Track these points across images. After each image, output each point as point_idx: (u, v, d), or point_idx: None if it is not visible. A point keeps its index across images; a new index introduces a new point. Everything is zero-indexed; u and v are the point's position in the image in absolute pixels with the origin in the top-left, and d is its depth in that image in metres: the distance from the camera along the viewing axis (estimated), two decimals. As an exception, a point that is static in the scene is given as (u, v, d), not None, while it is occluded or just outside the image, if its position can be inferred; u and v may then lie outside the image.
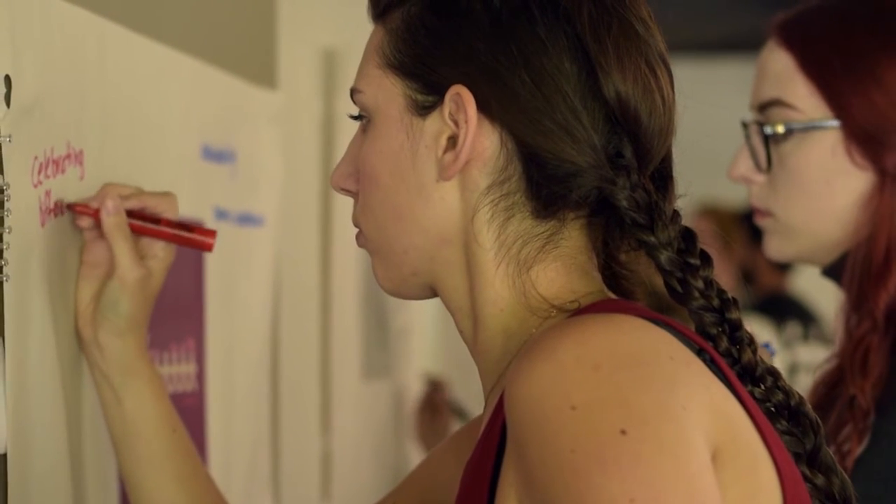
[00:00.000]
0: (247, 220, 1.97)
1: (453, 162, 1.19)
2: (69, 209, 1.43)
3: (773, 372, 1.19)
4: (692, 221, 1.22)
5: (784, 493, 1.11)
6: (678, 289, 1.18)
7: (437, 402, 2.90)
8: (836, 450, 1.54)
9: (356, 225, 1.28)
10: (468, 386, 2.69)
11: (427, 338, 3.12)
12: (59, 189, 1.42)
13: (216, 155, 1.86)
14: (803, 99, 1.65)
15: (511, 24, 1.18)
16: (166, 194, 1.49)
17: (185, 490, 1.48)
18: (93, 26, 1.51)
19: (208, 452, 1.83)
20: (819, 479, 1.18)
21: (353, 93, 1.26)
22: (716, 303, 1.17)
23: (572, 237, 1.21)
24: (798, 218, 1.67)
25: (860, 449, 1.54)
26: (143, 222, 1.45)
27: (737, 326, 1.18)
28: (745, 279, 4.68)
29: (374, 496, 1.64)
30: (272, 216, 2.07)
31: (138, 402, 1.46)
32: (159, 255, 1.47)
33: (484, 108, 1.18)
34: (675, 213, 1.20)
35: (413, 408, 2.90)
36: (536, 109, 1.17)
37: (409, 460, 2.87)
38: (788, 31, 1.68)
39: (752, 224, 1.78)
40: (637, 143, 1.19)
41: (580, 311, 1.16)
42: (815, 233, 1.67)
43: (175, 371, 1.74)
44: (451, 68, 1.19)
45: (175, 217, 1.48)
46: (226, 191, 1.89)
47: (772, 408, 1.18)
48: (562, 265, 1.20)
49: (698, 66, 5.69)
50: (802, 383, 2.02)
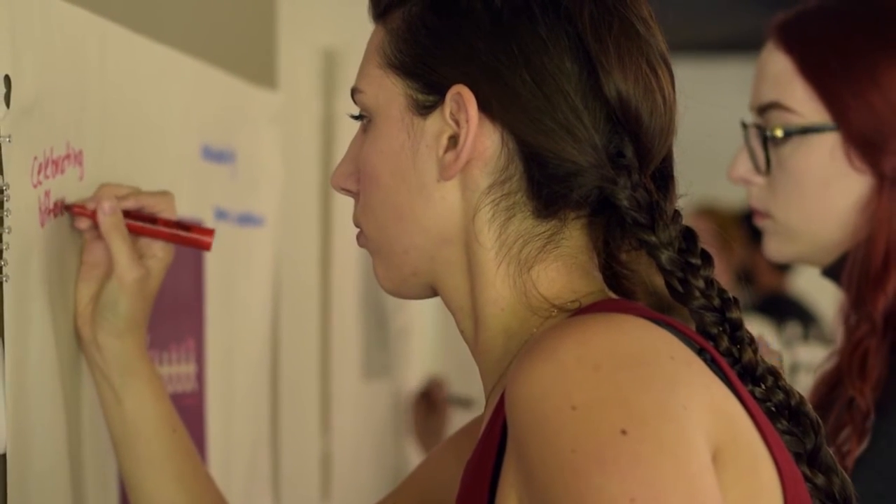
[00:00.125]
0: (247, 220, 1.97)
1: (454, 161, 1.19)
2: (67, 210, 1.43)
3: (773, 372, 1.19)
4: (691, 221, 1.22)
5: (785, 492, 1.11)
6: (679, 288, 1.18)
7: (433, 398, 2.89)
8: (836, 450, 1.54)
9: (357, 225, 1.27)
10: (469, 386, 2.69)
11: (427, 338, 3.12)
12: (59, 189, 1.42)
13: (216, 155, 1.86)
14: (802, 102, 1.64)
15: (512, 23, 1.18)
16: (164, 194, 1.49)
17: (184, 490, 1.48)
18: (93, 26, 1.51)
19: (208, 452, 1.83)
20: (819, 479, 1.18)
21: (353, 92, 1.26)
22: (716, 302, 1.17)
23: (573, 237, 1.21)
24: (797, 220, 1.67)
25: (860, 449, 1.54)
26: (140, 222, 1.45)
27: (737, 326, 1.18)
28: (745, 279, 4.68)
29: (373, 496, 1.64)
30: (272, 216, 2.07)
31: (138, 402, 1.46)
32: (158, 255, 1.47)
33: (485, 108, 1.18)
34: (676, 212, 1.20)
35: (409, 403, 2.89)
36: (537, 109, 1.17)
37: (409, 460, 2.87)
38: (787, 32, 1.68)
39: (751, 224, 1.78)
40: (638, 142, 1.19)
41: (581, 310, 1.16)
42: (815, 235, 1.67)
43: (175, 371, 1.74)
44: (452, 68, 1.19)
45: (173, 216, 1.47)
46: (226, 191, 1.89)
47: (772, 407, 1.18)
48: (563, 265, 1.20)
49: (698, 66, 5.68)
50: (802, 383, 2.01)
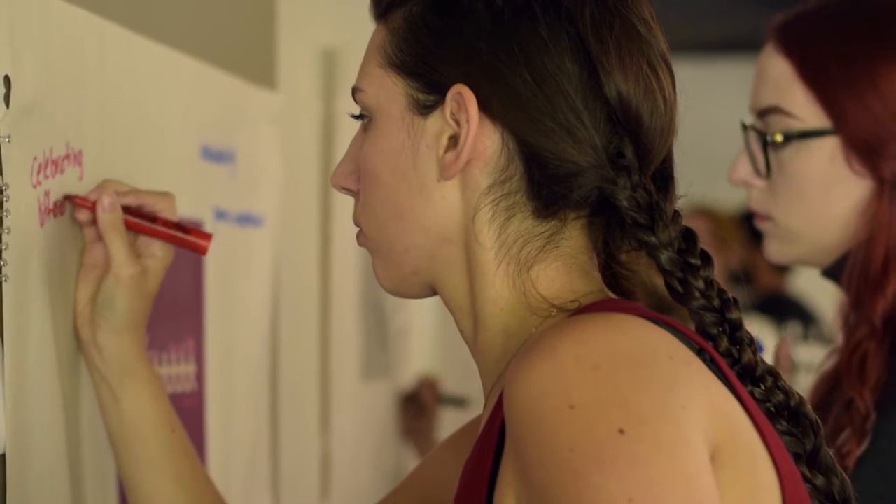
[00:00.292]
0: (246, 220, 1.97)
1: (454, 161, 1.19)
2: (67, 200, 1.43)
3: (772, 372, 1.19)
4: (690, 221, 1.22)
5: (783, 493, 1.11)
6: (679, 289, 1.18)
7: (422, 399, 2.89)
8: (836, 451, 1.54)
9: (357, 224, 1.27)
10: (468, 386, 2.68)
11: (426, 338, 3.12)
12: (59, 189, 1.42)
13: (216, 155, 1.86)
14: (802, 107, 1.64)
15: (513, 23, 1.18)
16: (165, 194, 1.49)
17: (183, 490, 1.48)
18: (92, 26, 1.50)
19: (207, 453, 1.83)
20: (819, 480, 1.18)
21: (354, 92, 1.26)
22: (716, 303, 1.17)
23: (573, 237, 1.21)
24: (797, 223, 1.67)
25: (859, 450, 1.54)
26: (139, 220, 1.45)
27: (737, 326, 1.18)
28: (745, 279, 4.68)
29: (373, 496, 1.64)
30: (272, 216, 2.06)
31: (137, 402, 1.46)
32: (157, 255, 1.46)
33: (485, 108, 1.18)
34: (676, 213, 1.20)
35: (399, 402, 2.89)
36: (538, 109, 1.17)
37: (409, 460, 2.87)
38: (787, 35, 1.68)
39: (752, 225, 1.78)
40: (638, 143, 1.19)
41: (580, 310, 1.16)
42: (815, 237, 1.67)
43: (174, 371, 1.74)
44: (453, 67, 1.19)
45: (173, 217, 1.47)
46: (225, 191, 1.89)
47: (772, 408, 1.18)
48: (562, 265, 1.20)
49: (698, 66, 5.69)
50: (802, 383, 2.01)
